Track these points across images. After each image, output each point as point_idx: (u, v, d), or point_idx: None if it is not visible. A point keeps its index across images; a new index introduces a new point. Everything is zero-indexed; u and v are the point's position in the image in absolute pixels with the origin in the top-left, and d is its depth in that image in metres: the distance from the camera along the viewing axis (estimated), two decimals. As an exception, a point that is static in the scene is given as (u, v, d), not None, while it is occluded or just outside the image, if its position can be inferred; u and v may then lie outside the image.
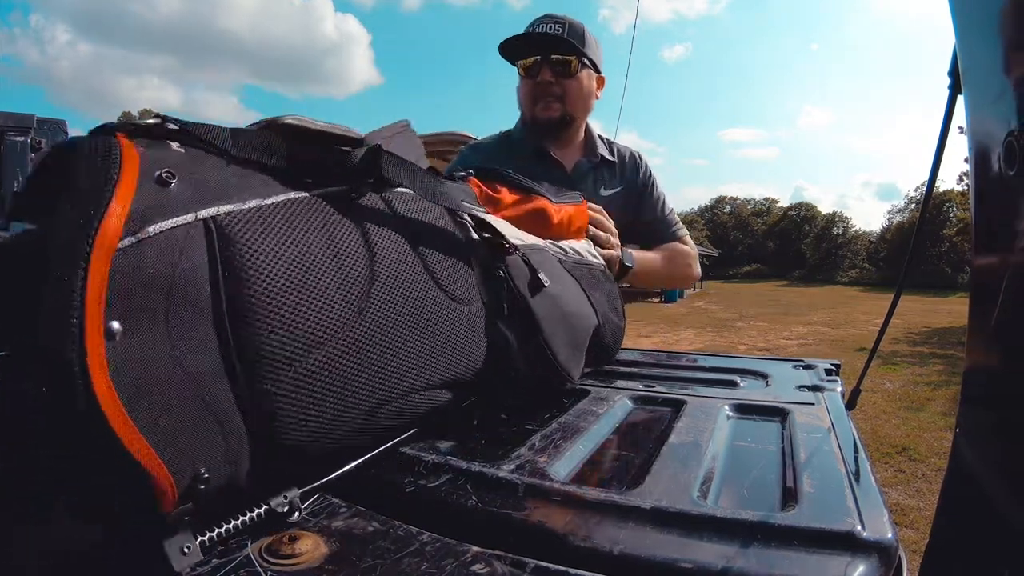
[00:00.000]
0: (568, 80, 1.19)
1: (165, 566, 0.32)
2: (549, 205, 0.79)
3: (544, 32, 1.16)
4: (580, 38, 1.18)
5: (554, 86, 1.19)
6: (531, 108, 1.23)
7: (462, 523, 0.42)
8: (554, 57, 1.18)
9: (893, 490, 2.96)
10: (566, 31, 1.16)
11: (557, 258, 0.75)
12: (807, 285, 36.65)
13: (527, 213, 0.75)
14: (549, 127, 1.24)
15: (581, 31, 1.19)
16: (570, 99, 1.21)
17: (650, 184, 1.37)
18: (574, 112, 1.23)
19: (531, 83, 1.21)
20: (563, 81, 1.19)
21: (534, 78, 1.20)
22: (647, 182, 1.36)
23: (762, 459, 0.53)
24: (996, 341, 0.41)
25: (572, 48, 1.17)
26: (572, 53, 1.17)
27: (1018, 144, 0.35)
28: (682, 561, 0.35)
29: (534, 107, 1.22)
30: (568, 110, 1.22)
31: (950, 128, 0.61)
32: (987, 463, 0.41)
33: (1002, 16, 0.40)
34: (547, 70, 1.18)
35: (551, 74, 1.18)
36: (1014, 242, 0.37)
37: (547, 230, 0.77)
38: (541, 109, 1.21)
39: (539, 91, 1.20)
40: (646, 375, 0.83)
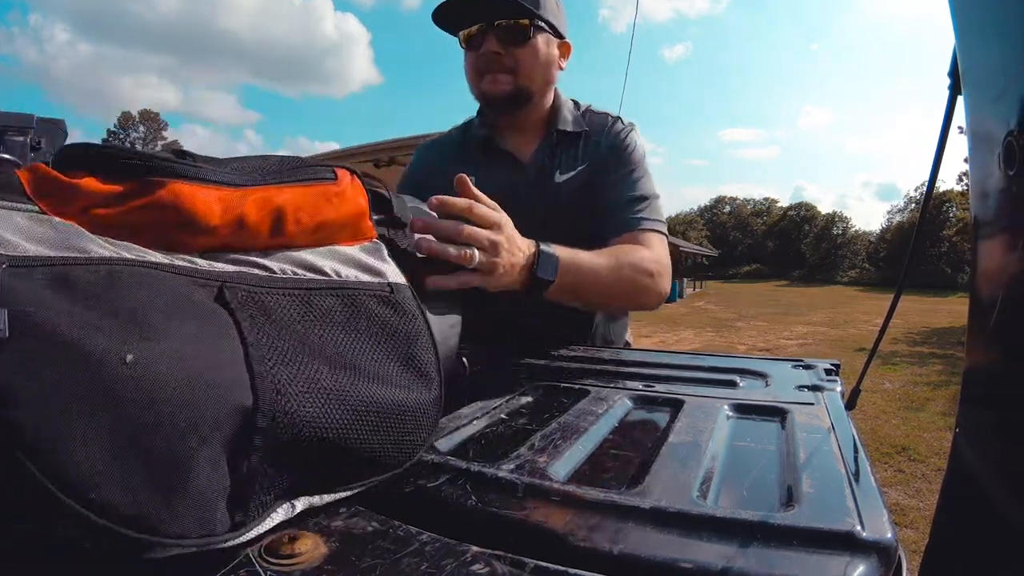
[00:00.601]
0: (519, 49, 0.98)
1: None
2: (198, 193, 0.40)
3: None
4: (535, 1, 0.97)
5: (503, 57, 0.98)
6: (478, 83, 1.03)
7: (462, 523, 0.42)
8: (499, 23, 0.97)
9: (893, 490, 2.96)
10: None
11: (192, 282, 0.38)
12: (807, 285, 36.67)
13: (141, 210, 0.38)
14: (502, 103, 1.02)
15: None
16: (523, 70, 1.00)
17: (619, 153, 1.05)
18: (530, 85, 1.01)
19: (475, 55, 1.00)
20: (513, 50, 0.98)
21: (477, 49, 0.99)
22: (615, 150, 1.05)
23: (762, 459, 0.53)
24: (996, 341, 0.41)
25: (521, 9, 0.96)
26: (522, 15, 0.96)
27: (1018, 144, 0.35)
28: (682, 561, 0.35)
29: (480, 82, 1.02)
30: (521, 83, 1.00)
31: (950, 128, 0.61)
32: (987, 463, 0.41)
33: (1002, 16, 0.40)
34: (492, 38, 0.97)
35: (497, 43, 0.97)
36: (1014, 242, 0.37)
37: (199, 236, 0.40)
38: (489, 83, 1.00)
39: (484, 63, 1.00)
40: (646, 375, 0.83)
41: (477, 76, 1.02)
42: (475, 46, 1.00)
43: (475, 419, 0.63)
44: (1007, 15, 0.39)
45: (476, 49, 1.00)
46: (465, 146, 1.11)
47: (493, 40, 0.98)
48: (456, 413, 0.64)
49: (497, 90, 1.01)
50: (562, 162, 1.05)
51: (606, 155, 1.05)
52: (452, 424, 0.60)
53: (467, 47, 1.02)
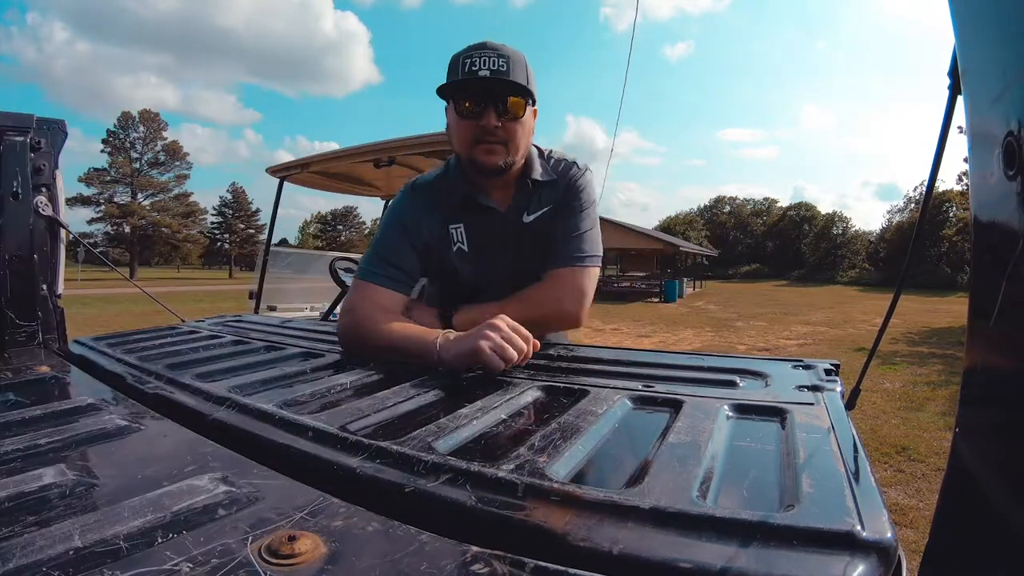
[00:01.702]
0: (514, 123, 1.07)
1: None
2: None
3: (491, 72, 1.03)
4: (524, 73, 1.07)
5: (499, 130, 1.06)
6: (469, 150, 1.09)
7: (462, 523, 0.42)
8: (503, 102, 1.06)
9: (892, 490, 2.96)
10: (510, 67, 1.04)
11: None
12: (806, 285, 36.67)
13: None
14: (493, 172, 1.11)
15: (524, 63, 1.08)
16: (514, 144, 1.09)
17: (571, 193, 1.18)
18: (516, 157, 1.11)
19: (472, 125, 1.07)
20: (508, 124, 1.07)
21: (477, 120, 1.06)
22: (569, 190, 1.19)
23: (761, 459, 0.53)
24: (996, 341, 0.41)
25: (521, 89, 1.05)
26: (520, 94, 1.06)
27: (1018, 144, 0.35)
28: (681, 561, 0.35)
29: (473, 149, 1.09)
30: (512, 154, 1.10)
31: (950, 128, 0.61)
32: (987, 463, 0.41)
33: (1002, 16, 0.40)
34: (493, 114, 1.05)
35: (496, 118, 1.05)
36: (1014, 242, 0.36)
37: None
38: (483, 153, 1.08)
39: (482, 134, 1.07)
40: (645, 375, 0.83)
41: (471, 144, 1.09)
42: (473, 116, 1.06)
43: (475, 419, 0.63)
44: (1007, 15, 0.39)
45: (474, 119, 1.06)
46: (448, 195, 1.17)
47: (493, 115, 1.06)
48: (456, 413, 0.64)
49: (492, 162, 1.09)
50: (531, 204, 1.18)
51: (563, 195, 1.19)
52: (452, 424, 0.60)
53: (463, 116, 1.08)
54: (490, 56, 1.04)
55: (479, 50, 1.05)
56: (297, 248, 27.32)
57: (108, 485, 0.47)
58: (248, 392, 0.76)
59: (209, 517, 0.41)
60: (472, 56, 1.04)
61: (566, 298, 1.12)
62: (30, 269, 1.13)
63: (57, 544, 0.36)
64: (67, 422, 0.62)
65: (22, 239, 1.12)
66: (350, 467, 0.50)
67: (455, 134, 1.12)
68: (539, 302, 1.12)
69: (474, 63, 1.04)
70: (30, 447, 0.54)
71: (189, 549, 0.36)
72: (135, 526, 0.39)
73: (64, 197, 1.23)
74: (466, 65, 1.04)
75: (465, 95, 1.07)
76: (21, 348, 1.10)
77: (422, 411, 0.69)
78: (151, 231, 44.16)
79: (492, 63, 1.04)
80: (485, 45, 1.05)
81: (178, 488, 0.45)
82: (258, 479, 0.47)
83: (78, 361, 1.02)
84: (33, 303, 1.14)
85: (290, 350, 1.07)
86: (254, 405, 0.66)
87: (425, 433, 0.57)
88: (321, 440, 0.56)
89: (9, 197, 1.10)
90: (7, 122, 1.11)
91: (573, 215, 1.17)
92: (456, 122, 1.10)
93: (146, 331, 1.34)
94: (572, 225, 1.16)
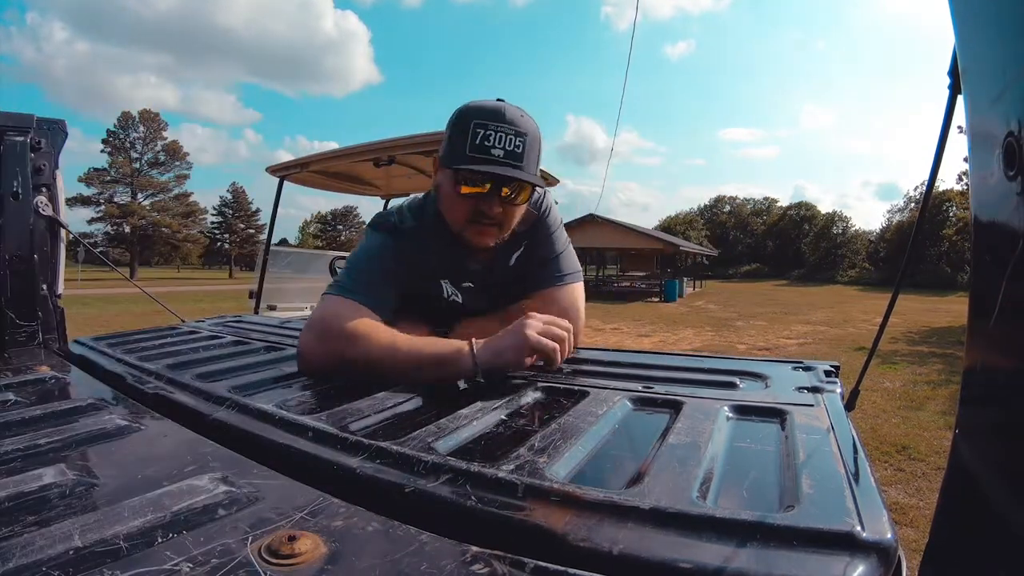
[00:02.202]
0: (514, 207, 1.01)
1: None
2: None
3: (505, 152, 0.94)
4: (537, 152, 0.99)
5: (499, 214, 0.99)
6: (463, 226, 1.02)
7: (462, 523, 0.42)
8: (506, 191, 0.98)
9: (893, 489, 2.96)
10: (526, 149, 0.95)
11: None
12: (806, 284, 36.68)
13: None
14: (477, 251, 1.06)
15: (538, 139, 0.99)
16: (509, 225, 1.03)
17: (541, 224, 1.14)
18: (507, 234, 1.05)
19: (470, 205, 0.98)
20: (508, 208, 1.00)
21: (476, 202, 0.98)
22: (542, 220, 1.14)
23: (761, 460, 0.53)
24: (996, 341, 0.41)
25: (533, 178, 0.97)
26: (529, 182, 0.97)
27: (1018, 144, 0.35)
28: (681, 561, 0.35)
29: (466, 228, 1.01)
30: (503, 236, 1.04)
31: (950, 128, 0.61)
32: (987, 463, 0.41)
33: (1002, 16, 0.39)
34: (497, 200, 0.97)
35: (500, 203, 0.98)
36: (1014, 242, 0.36)
37: None
38: (476, 234, 1.01)
39: (478, 216, 0.99)
40: (645, 376, 0.83)
41: (465, 221, 1.01)
42: (475, 197, 0.98)
43: (475, 419, 0.63)
44: (1007, 15, 0.39)
45: (475, 200, 0.98)
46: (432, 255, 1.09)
47: (497, 201, 0.97)
48: (456, 413, 0.64)
49: (483, 243, 1.03)
50: (512, 247, 1.13)
51: (534, 225, 1.14)
52: (452, 424, 0.60)
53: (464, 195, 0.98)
54: (507, 132, 0.94)
55: (495, 121, 0.94)
56: (297, 248, 27.34)
57: (108, 485, 0.47)
58: (248, 392, 0.76)
59: (209, 517, 0.41)
60: (488, 128, 0.94)
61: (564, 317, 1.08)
62: (30, 269, 1.14)
63: (57, 544, 0.36)
64: (67, 422, 0.62)
65: (22, 239, 1.13)
66: (350, 467, 0.50)
67: (448, 205, 1.02)
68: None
69: (488, 137, 0.93)
70: (30, 447, 0.54)
71: (189, 549, 0.36)
72: (135, 526, 0.39)
73: (64, 197, 1.23)
74: (477, 136, 0.94)
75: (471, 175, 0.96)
76: (21, 348, 1.10)
77: (422, 411, 0.69)
78: (151, 231, 44.16)
79: (508, 141, 0.94)
80: (503, 115, 0.95)
81: (178, 488, 0.45)
82: (258, 479, 0.47)
83: (78, 361, 1.02)
84: (33, 303, 1.14)
85: (290, 350, 1.07)
86: (254, 405, 0.66)
87: (425, 433, 0.57)
88: (321, 440, 0.56)
89: (9, 197, 1.10)
90: (7, 122, 1.11)
91: (547, 240, 1.14)
92: (451, 194, 1.00)
93: (146, 331, 1.34)
94: (549, 249, 1.14)
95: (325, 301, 0.96)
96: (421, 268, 1.08)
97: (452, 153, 0.97)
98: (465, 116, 0.96)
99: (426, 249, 1.07)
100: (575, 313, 1.11)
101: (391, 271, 1.03)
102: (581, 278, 1.17)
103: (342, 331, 0.88)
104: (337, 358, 0.87)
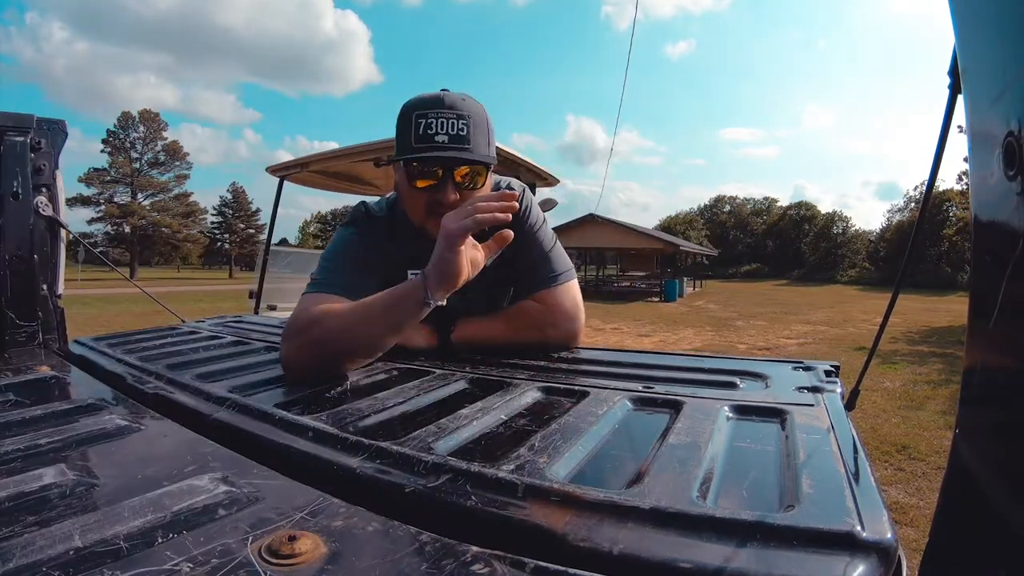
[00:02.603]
0: (472, 192, 0.98)
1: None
2: None
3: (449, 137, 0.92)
4: (485, 133, 0.96)
5: (457, 202, 0.96)
6: (423, 221, 1.00)
7: (462, 523, 0.42)
8: (461, 172, 0.95)
9: (893, 488, 2.96)
10: (471, 130, 0.93)
11: None
12: (806, 284, 36.67)
13: None
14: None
15: (485, 120, 0.97)
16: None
17: (521, 222, 1.09)
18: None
19: (428, 196, 0.97)
20: (466, 194, 0.97)
21: (432, 192, 0.96)
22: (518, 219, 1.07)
23: (761, 460, 0.53)
24: (996, 341, 0.41)
25: (483, 158, 0.95)
26: (482, 163, 0.96)
27: (1018, 144, 0.35)
28: (681, 561, 0.35)
29: (427, 221, 0.99)
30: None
31: (950, 128, 0.61)
32: (987, 463, 0.41)
33: (1002, 16, 0.39)
34: (450, 187, 0.95)
35: (454, 190, 0.95)
36: (1014, 242, 0.36)
37: None
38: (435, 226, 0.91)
39: (436, 207, 0.96)
40: (645, 376, 0.83)
41: (424, 215, 1.00)
42: (427, 188, 0.96)
43: (475, 419, 0.63)
44: (1007, 15, 0.39)
45: (430, 192, 0.96)
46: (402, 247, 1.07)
47: (451, 188, 0.95)
48: (456, 413, 0.64)
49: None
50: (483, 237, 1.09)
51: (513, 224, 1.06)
52: (452, 424, 0.60)
53: (417, 188, 0.97)
54: (448, 118, 0.92)
55: (435, 108, 0.93)
56: (297, 248, 27.32)
57: (108, 485, 0.47)
58: (248, 392, 0.76)
59: (209, 517, 0.41)
60: (428, 116, 0.92)
61: (565, 321, 1.09)
62: (30, 269, 1.14)
63: (57, 544, 0.36)
64: (67, 422, 0.62)
65: (22, 239, 1.13)
66: (350, 467, 0.50)
67: (407, 203, 1.01)
68: (540, 326, 1.08)
69: (430, 125, 0.92)
70: (30, 447, 0.54)
71: (189, 549, 0.36)
72: (135, 526, 0.39)
73: (64, 197, 1.23)
74: (420, 126, 0.92)
75: (418, 164, 0.95)
76: (21, 348, 1.10)
77: (422, 411, 0.69)
78: (151, 231, 44.15)
79: (451, 126, 0.92)
80: (442, 102, 0.93)
81: (178, 488, 0.45)
82: (258, 479, 0.47)
83: (78, 361, 1.02)
84: (33, 303, 1.14)
85: (290, 350, 1.06)
86: (254, 405, 0.66)
87: (425, 433, 0.57)
88: (321, 440, 0.56)
89: (9, 197, 1.10)
90: (7, 122, 1.11)
91: (532, 237, 1.11)
92: (408, 189, 0.98)
93: (146, 331, 1.34)
94: (537, 249, 1.11)
95: (298, 303, 0.97)
96: (395, 257, 1.06)
97: (399, 148, 0.97)
98: (408, 110, 0.96)
99: (397, 241, 1.07)
100: (576, 312, 1.11)
101: (360, 258, 1.02)
102: (575, 275, 1.16)
103: (309, 318, 0.88)
104: (310, 347, 0.85)
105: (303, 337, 0.87)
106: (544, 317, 1.09)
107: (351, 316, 0.86)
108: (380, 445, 0.53)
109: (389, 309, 0.85)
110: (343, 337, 0.85)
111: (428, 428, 0.59)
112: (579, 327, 1.12)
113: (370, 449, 0.53)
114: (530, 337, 1.07)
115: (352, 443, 0.54)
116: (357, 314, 0.86)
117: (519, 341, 1.07)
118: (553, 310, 1.09)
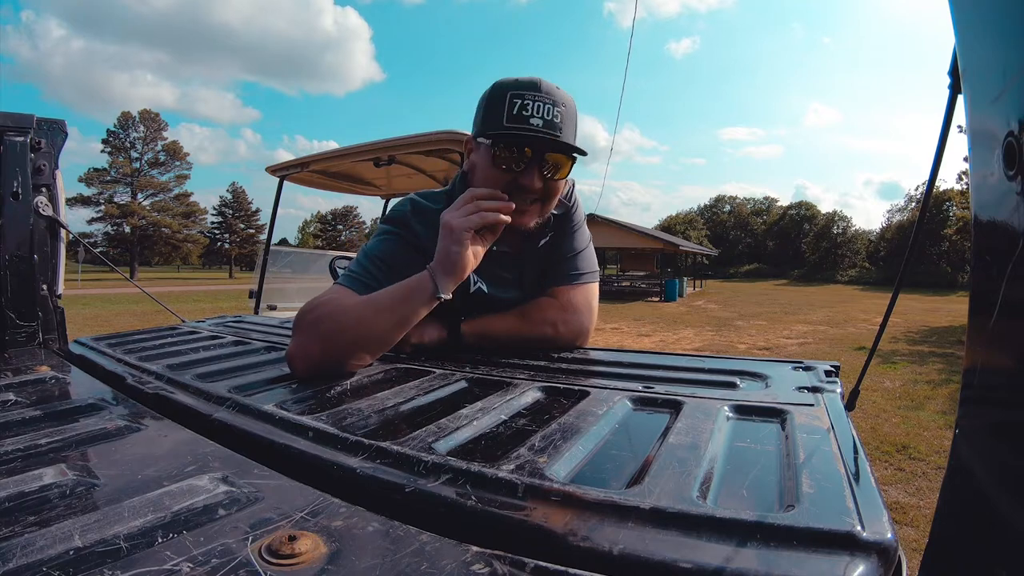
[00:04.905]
0: (555, 182, 0.96)
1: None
2: None
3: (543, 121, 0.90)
4: (574, 125, 0.95)
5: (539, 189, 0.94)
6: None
7: (462, 523, 0.42)
8: (549, 158, 0.93)
9: (893, 488, 2.96)
10: (564, 119, 0.92)
11: None
12: (807, 284, 36.67)
13: None
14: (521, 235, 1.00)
15: (575, 112, 0.95)
16: (550, 204, 0.99)
17: (568, 216, 1.12)
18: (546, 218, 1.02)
19: (509, 179, 0.93)
20: (550, 184, 0.95)
21: (516, 176, 0.93)
22: (569, 214, 1.12)
23: (761, 460, 0.53)
24: (996, 341, 0.41)
25: (572, 148, 0.93)
26: (571, 152, 0.93)
27: (1018, 144, 0.35)
28: (681, 561, 0.35)
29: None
30: (543, 216, 1.00)
31: (950, 128, 0.61)
32: (987, 463, 0.41)
33: (1002, 16, 0.39)
34: (536, 173, 0.93)
35: (539, 177, 0.93)
36: (1014, 242, 0.36)
37: None
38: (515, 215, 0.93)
39: (518, 191, 0.93)
40: (645, 376, 0.83)
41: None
42: (513, 171, 0.93)
43: (475, 419, 0.63)
44: (1007, 15, 0.39)
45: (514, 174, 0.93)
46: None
47: (537, 174, 0.93)
48: (456, 413, 0.64)
49: (524, 224, 0.97)
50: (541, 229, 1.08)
51: (561, 216, 1.12)
52: (452, 424, 0.60)
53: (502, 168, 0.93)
54: (544, 102, 0.90)
55: (532, 91, 0.91)
56: (297, 247, 27.33)
57: (108, 485, 0.47)
58: (248, 392, 0.76)
59: (209, 517, 0.41)
60: (525, 98, 0.90)
61: (575, 318, 1.08)
62: (30, 269, 1.14)
63: (57, 544, 0.36)
64: (67, 422, 0.62)
65: (22, 239, 1.13)
66: (350, 467, 0.50)
67: (484, 181, 0.96)
68: (552, 323, 1.07)
69: (526, 107, 0.90)
70: (30, 447, 0.54)
71: (189, 549, 0.36)
72: (135, 526, 0.39)
73: (64, 197, 1.23)
74: (515, 106, 0.90)
75: (509, 143, 0.92)
76: (21, 348, 1.10)
77: (422, 411, 0.69)
78: (151, 231, 44.16)
79: (546, 111, 0.90)
80: (539, 86, 0.91)
81: (178, 488, 0.45)
82: (258, 479, 0.47)
83: (78, 361, 1.02)
84: (33, 303, 1.14)
85: (290, 350, 1.06)
86: (254, 405, 0.66)
87: (425, 433, 0.57)
88: (321, 440, 0.56)
89: (9, 197, 1.10)
90: (7, 122, 1.11)
91: (571, 234, 1.12)
92: (488, 168, 0.95)
93: (146, 331, 1.34)
94: (570, 245, 1.12)
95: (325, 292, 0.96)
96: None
97: (486, 126, 0.94)
98: (501, 88, 0.93)
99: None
100: (588, 313, 1.10)
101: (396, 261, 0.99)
102: (597, 277, 1.16)
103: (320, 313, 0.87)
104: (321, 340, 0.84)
105: (313, 331, 0.86)
106: (556, 313, 1.08)
107: (360, 310, 0.87)
108: (380, 445, 0.53)
109: (398, 303, 0.86)
110: (352, 331, 0.85)
111: (428, 428, 0.59)
112: (589, 327, 1.12)
113: (370, 449, 0.53)
114: (540, 332, 1.07)
115: (352, 443, 0.54)
116: (367, 308, 0.87)
117: (529, 335, 1.07)
118: (566, 307, 1.09)
